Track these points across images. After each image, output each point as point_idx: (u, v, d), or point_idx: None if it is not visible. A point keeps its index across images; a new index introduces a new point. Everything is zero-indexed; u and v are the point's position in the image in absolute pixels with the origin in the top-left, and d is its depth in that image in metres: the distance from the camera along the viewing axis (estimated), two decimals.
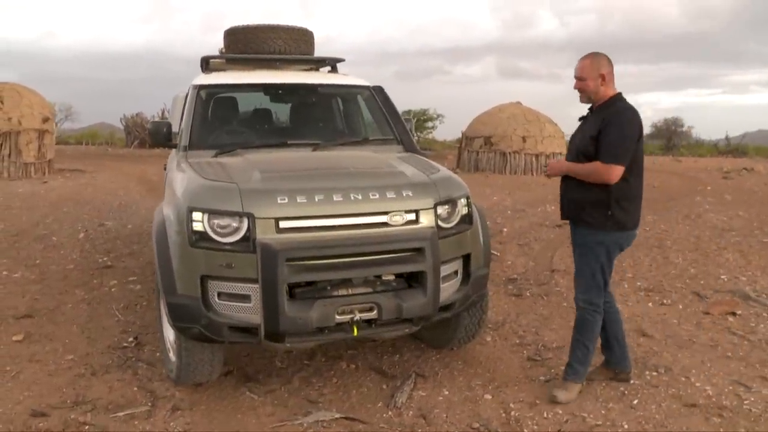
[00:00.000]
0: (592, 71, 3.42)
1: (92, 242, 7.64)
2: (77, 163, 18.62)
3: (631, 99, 3.49)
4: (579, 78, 3.46)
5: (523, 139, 17.76)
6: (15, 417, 3.35)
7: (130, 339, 4.44)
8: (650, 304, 5.31)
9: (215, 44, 5.78)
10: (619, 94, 3.47)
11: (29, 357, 4.12)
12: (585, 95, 3.48)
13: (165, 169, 5.21)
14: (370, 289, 3.26)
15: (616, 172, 3.31)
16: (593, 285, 3.51)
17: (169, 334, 3.71)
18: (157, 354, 4.12)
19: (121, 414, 3.38)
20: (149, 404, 3.50)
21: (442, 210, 3.49)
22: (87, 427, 3.25)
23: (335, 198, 3.26)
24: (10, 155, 14.80)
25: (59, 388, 3.68)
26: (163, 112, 29.17)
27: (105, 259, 6.79)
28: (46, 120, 15.62)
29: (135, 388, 3.69)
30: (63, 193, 12.18)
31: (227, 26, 5.60)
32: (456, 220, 3.57)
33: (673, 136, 39.80)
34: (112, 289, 5.66)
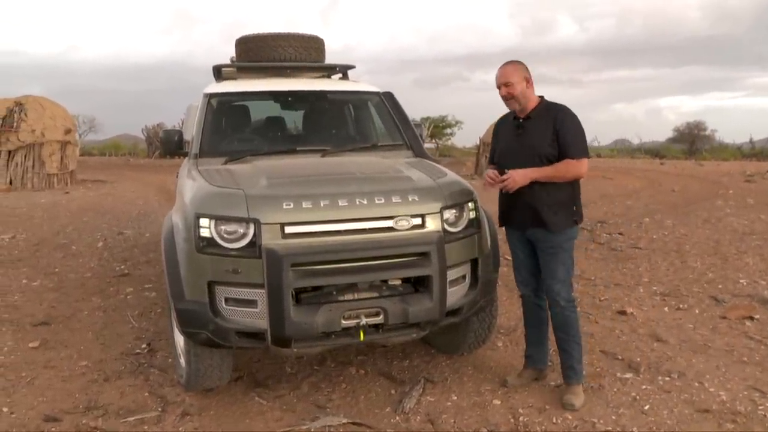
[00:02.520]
0: (516, 75, 3.47)
1: (110, 251, 7.76)
2: (99, 173, 18.97)
3: (652, 103, 3.59)
4: (505, 84, 3.46)
5: None
6: (28, 422, 3.40)
7: (144, 345, 4.49)
8: (666, 308, 5.23)
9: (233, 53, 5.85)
10: (544, 97, 3.56)
11: (44, 363, 4.18)
12: (515, 101, 3.48)
13: (177, 176, 5.28)
14: (375, 294, 3.25)
15: (586, 165, 3.48)
16: (569, 281, 3.56)
17: (180, 340, 3.75)
18: (169, 360, 4.16)
19: (131, 419, 3.41)
20: (159, 409, 3.53)
21: (448, 214, 3.48)
22: None
23: (341, 203, 3.27)
24: (33, 166, 15.12)
25: (72, 394, 3.73)
26: (182, 123, 29.62)
27: (122, 267, 6.89)
28: (68, 131, 15.92)
29: (146, 394, 3.73)
30: (84, 203, 12.41)
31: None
32: (463, 224, 3.55)
33: (695, 140, 39.33)
34: (128, 297, 5.74)
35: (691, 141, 39.30)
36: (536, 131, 3.48)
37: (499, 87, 3.51)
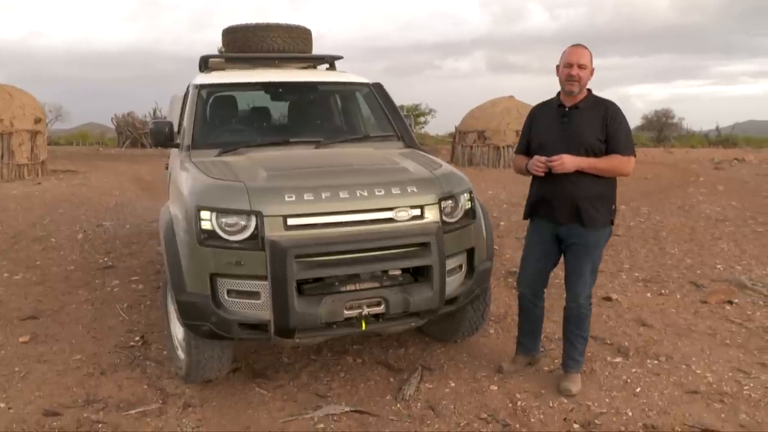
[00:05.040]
0: (591, 62, 3.41)
1: (91, 243, 7.65)
2: (69, 163, 18.57)
3: (621, 91, 3.58)
4: (580, 65, 3.35)
5: (517, 133, 17.83)
6: (27, 417, 3.38)
7: (137, 338, 4.47)
8: (648, 294, 5.39)
9: (205, 42, 5.80)
10: (590, 90, 3.50)
11: (37, 358, 4.14)
12: (578, 85, 3.37)
13: (167, 168, 5.23)
14: (377, 284, 3.30)
15: (633, 164, 3.41)
16: (593, 280, 3.59)
17: (178, 332, 3.75)
18: (164, 352, 4.16)
19: (133, 412, 3.41)
20: (160, 402, 3.54)
21: (445, 205, 3.53)
22: (100, 426, 3.29)
23: (341, 195, 3.30)
24: (2, 157, 14.73)
25: (69, 388, 3.71)
26: (154, 111, 29.08)
27: (105, 259, 6.81)
28: (38, 121, 15.55)
29: (145, 386, 3.73)
30: (58, 194, 12.16)
31: (216, 24, 5.64)
32: (459, 214, 3.61)
33: (664, 127, 40.06)
34: (115, 289, 5.68)
35: (660, 129, 40.01)
36: (584, 122, 3.40)
37: (570, 65, 3.36)
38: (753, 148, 29.40)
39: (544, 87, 3.56)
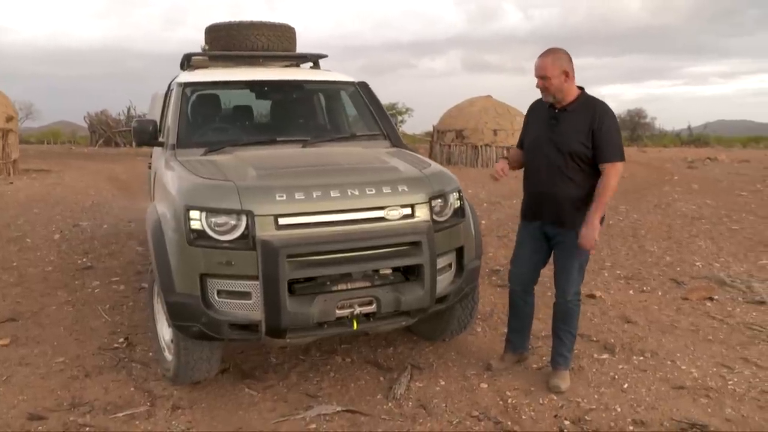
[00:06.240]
0: (554, 69, 3.35)
1: (69, 243, 7.51)
2: (42, 162, 18.22)
3: (594, 91, 3.49)
4: (541, 77, 3.37)
5: (495, 132, 17.96)
6: (11, 421, 3.31)
7: (121, 340, 4.40)
8: (631, 291, 5.46)
9: (177, 40, 5.72)
10: (584, 89, 3.49)
11: (18, 360, 4.05)
12: (549, 94, 3.41)
13: (149, 167, 5.15)
14: (368, 284, 3.30)
15: (620, 169, 3.39)
16: (581, 277, 3.62)
17: (165, 333, 3.71)
18: (150, 354, 4.10)
19: (120, 414, 3.35)
20: (148, 404, 3.48)
21: (435, 204, 3.54)
22: (87, 429, 3.23)
23: (332, 194, 3.28)
24: None
25: (53, 391, 3.64)
26: (129, 110, 28.66)
27: (84, 260, 6.68)
28: (9, 119, 15.21)
29: (132, 389, 3.67)
30: (31, 193, 11.92)
31: (189, 22, 5.59)
32: (449, 213, 3.62)
33: (637, 127, 40.74)
34: (96, 290, 5.59)
35: (633, 128, 40.69)
36: (570, 126, 3.39)
37: (537, 78, 3.41)
38: (724, 147, 30.06)
39: (519, 86, 3.62)
